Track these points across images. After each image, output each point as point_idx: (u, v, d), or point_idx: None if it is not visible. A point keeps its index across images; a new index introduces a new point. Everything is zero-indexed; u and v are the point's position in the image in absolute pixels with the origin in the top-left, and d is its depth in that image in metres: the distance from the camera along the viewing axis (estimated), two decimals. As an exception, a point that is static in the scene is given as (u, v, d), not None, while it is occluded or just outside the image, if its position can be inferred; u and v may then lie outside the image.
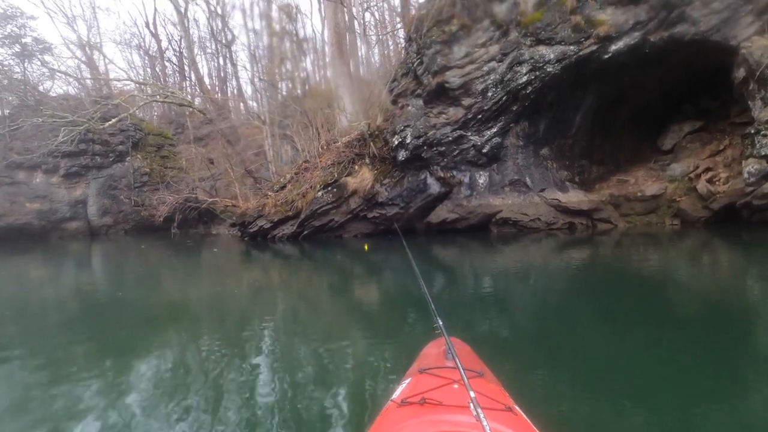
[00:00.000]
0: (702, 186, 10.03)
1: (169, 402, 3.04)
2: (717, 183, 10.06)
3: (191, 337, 4.78)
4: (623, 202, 11.06)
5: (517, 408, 1.72)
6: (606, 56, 9.74)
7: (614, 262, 8.02)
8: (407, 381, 2.01)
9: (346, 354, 3.95)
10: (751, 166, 8.47)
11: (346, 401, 2.87)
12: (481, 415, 1.36)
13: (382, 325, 4.96)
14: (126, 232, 23.81)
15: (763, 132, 8.31)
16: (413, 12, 12.39)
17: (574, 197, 11.01)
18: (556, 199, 10.94)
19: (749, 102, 8.99)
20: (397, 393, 1.89)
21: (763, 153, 8.24)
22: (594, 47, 9.68)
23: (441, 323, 2.33)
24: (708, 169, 10.46)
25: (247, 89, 35.00)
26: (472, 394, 1.47)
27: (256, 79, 22.76)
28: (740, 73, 8.95)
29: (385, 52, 23.62)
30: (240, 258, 12.40)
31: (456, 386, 1.76)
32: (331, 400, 2.89)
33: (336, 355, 3.88)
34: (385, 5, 21.64)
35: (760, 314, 4.54)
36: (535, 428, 1.61)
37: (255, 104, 34.19)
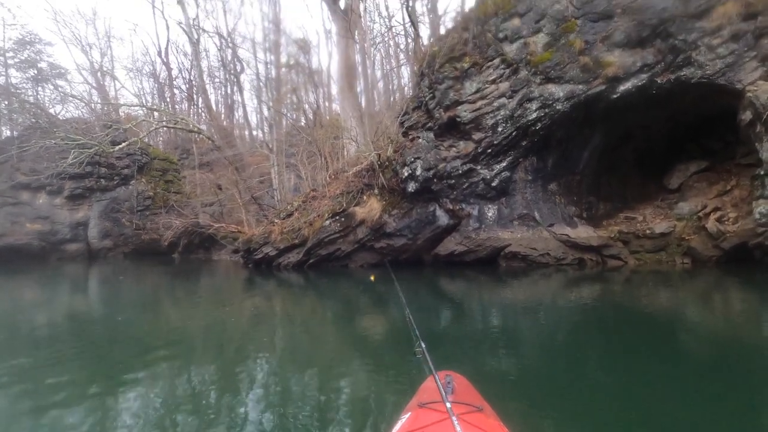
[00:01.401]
0: (712, 225, 10.04)
1: (161, 429, 2.96)
2: (726, 222, 10.07)
3: (187, 366, 4.67)
4: (632, 239, 11.02)
5: None
6: (614, 96, 9.97)
7: (624, 300, 7.90)
8: (407, 416, 1.99)
9: (345, 387, 3.92)
10: (762, 207, 8.50)
11: None
12: None
13: (382, 358, 4.89)
14: (125, 255, 23.59)
15: (772, 174, 8.39)
16: (424, 48, 12.77)
17: (584, 233, 10.98)
18: (566, 235, 10.91)
19: (756, 144, 9.12)
20: (397, 428, 1.88)
21: (773, 194, 8.29)
22: (602, 87, 9.92)
23: (424, 346, 2.36)
24: (716, 209, 10.50)
25: (253, 118, 35.65)
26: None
27: (264, 108, 23.20)
28: (746, 115, 9.13)
29: (390, 86, 24.25)
30: (243, 285, 12.21)
31: (455, 421, 1.74)
32: None
33: (335, 389, 3.84)
34: (391, 42, 22.42)
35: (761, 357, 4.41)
36: None
37: (260, 133, 34.79)
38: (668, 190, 12.15)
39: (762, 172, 8.69)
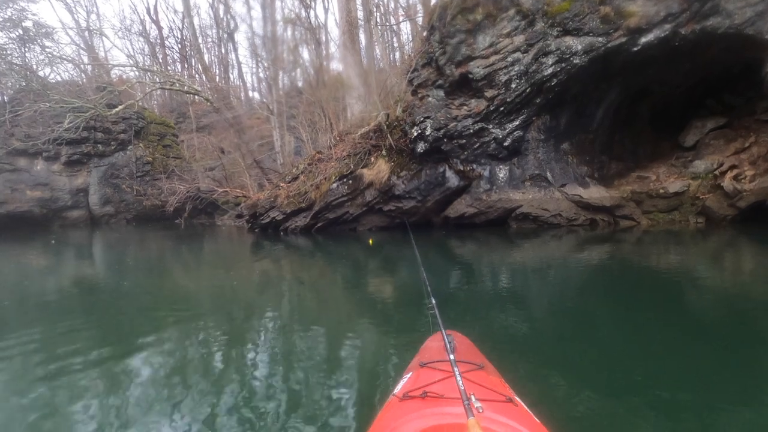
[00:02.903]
0: (728, 183, 9.86)
1: (170, 394, 2.99)
2: (743, 181, 9.88)
3: (195, 329, 4.66)
4: (645, 199, 10.86)
5: (517, 399, 1.73)
6: (635, 49, 9.48)
7: (635, 260, 7.83)
8: (408, 375, 2.02)
9: (352, 348, 3.94)
10: (784, 164, 8.28)
11: (348, 395, 2.89)
12: (479, 406, 1.42)
13: (387, 320, 4.93)
14: (128, 221, 23.49)
15: (798, 129, 8.11)
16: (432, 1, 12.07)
17: (596, 193, 10.81)
18: (578, 195, 10.74)
19: (782, 98, 8.79)
20: (399, 387, 1.91)
21: (798, 150, 8.05)
22: (623, 39, 9.41)
23: (434, 302, 2.36)
24: (733, 167, 10.29)
25: (250, 79, 34.51)
26: (461, 384, 1.51)
27: (263, 68, 22.33)
28: (774, 68, 8.74)
29: (392, 43, 23.25)
30: (251, 250, 12.16)
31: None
32: (333, 394, 2.91)
33: (341, 350, 3.87)
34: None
35: None
36: (535, 418, 1.63)
37: (257, 95, 33.78)
38: (683, 148, 11.85)
39: (786, 128, 8.42)
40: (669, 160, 11.87)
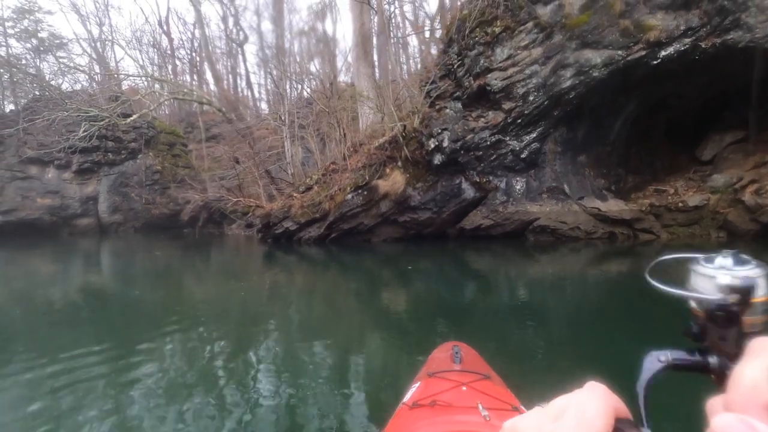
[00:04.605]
0: (750, 198, 9.75)
1: (176, 406, 2.97)
2: (764, 195, 9.77)
3: (205, 339, 4.65)
4: (664, 213, 10.75)
5: (523, 408, 1.77)
6: (654, 62, 9.47)
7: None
8: (417, 384, 2.07)
9: (360, 357, 3.99)
10: (810, 179, 8.19)
11: (358, 403, 2.93)
12: (488, 415, 1.48)
13: (397, 331, 4.97)
14: (136, 230, 23.49)
15: (824, 143, 8.03)
16: (449, 14, 12.15)
17: (615, 206, 10.71)
18: (596, 208, 10.64)
19: (804, 112, 8.73)
20: (408, 396, 1.96)
21: (824, 165, 7.96)
22: (643, 53, 9.41)
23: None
24: (753, 181, 10.18)
25: (258, 91, 34.83)
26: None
27: (274, 79, 22.52)
28: (796, 82, 8.70)
29: (404, 56, 23.44)
30: (264, 260, 12.10)
31: (464, 388, 1.85)
32: (343, 402, 2.94)
33: (349, 359, 3.91)
34: (407, 8, 21.49)
35: None
36: None
37: (265, 106, 34.05)
38: (700, 161, 11.78)
39: (811, 142, 8.34)
40: (686, 173, 11.79)
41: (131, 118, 14.93)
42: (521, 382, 2.72)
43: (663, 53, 9.36)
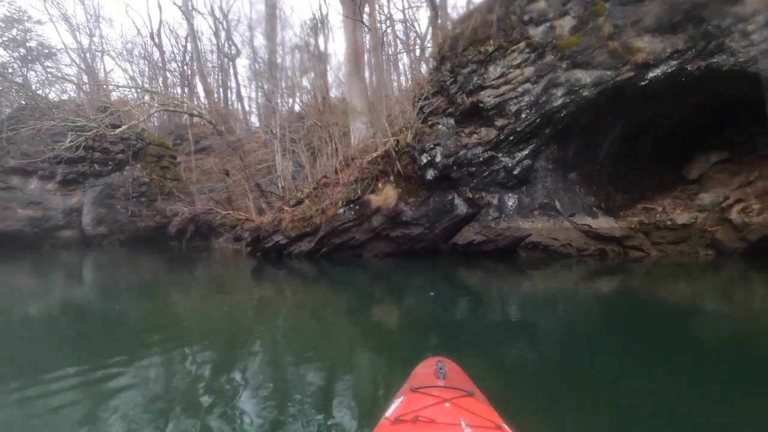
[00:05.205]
0: (737, 217, 9.93)
1: (157, 421, 2.92)
2: (751, 214, 9.96)
3: (187, 357, 4.53)
4: (653, 230, 10.88)
5: (506, 426, 1.78)
6: (642, 83, 9.69)
7: (643, 292, 7.81)
8: (400, 399, 2.07)
9: (344, 372, 3.99)
10: (795, 198, 8.37)
11: (339, 418, 2.93)
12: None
13: (384, 346, 4.94)
14: (120, 242, 22.95)
15: (807, 164, 8.25)
16: (441, 32, 12.35)
17: (605, 223, 10.81)
18: (587, 225, 10.72)
19: (787, 134, 8.97)
20: (390, 411, 1.95)
21: (808, 185, 8.16)
22: (631, 73, 9.63)
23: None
24: (739, 200, 10.38)
25: (249, 104, 34.82)
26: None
27: (265, 93, 22.55)
28: (778, 105, 8.94)
29: (395, 73, 23.74)
30: (253, 275, 11.87)
31: (447, 405, 1.84)
32: (324, 418, 2.94)
33: (333, 373, 3.90)
34: (398, 27, 21.86)
35: None
36: None
37: (256, 119, 34.02)
38: (686, 180, 12.00)
39: (795, 163, 8.55)
40: (673, 192, 11.99)
41: (120, 129, 14.72)
42: (505, 399, 2.70)
43: (650, 75, 9.59)
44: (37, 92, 22.58)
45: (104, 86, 21.83)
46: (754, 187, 10.47)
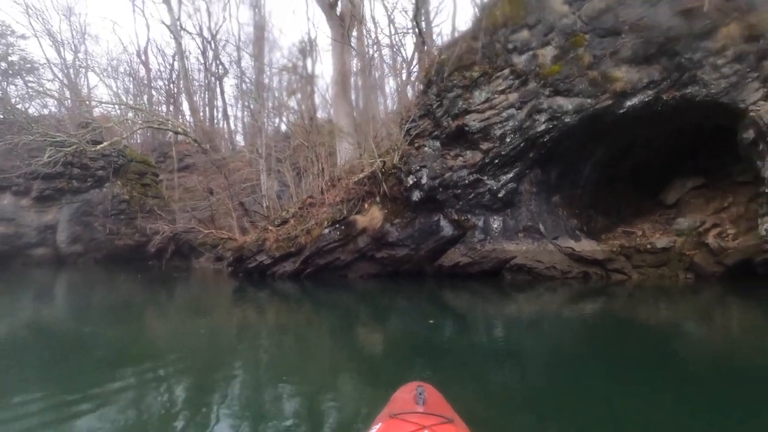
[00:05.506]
0: (713, 241, 10.18)
1: None
2: (726, 239, 10.23)
3: (160, 383, 4.39)
4: (634, 254, 11.06)
5: None
6: (621, 111, 10.02)
7: (624, 316, 7.94)
8: (377, 426, 2.03)
9: (323, 397, 3.94)
10: (768, 224, 8.66)
11: None
12: None
13: (365, 370, 4.89)
14: (96, 261, 22.22)
15: (777, 191, 8.57)
16: (427, 57, 12.65)
17: (588, 246, 10.96)
18: (570, 248, 10.85)
19: (758, 162, 9.33)
20: None
21: (780, 212, 8.46)
22: (610, 101, 9.96)
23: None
24: (715, 225, 10.68)
25: (235, 123, 34.77)
26: None
27: (252, 113, 22.58)
28: (749, 134, 9.34)
29: (381, 96, 24.11)
30: (234, 295, 11.59)
31: None
32: None
33: (311, 398, 3.85)
34: (385, 51, 22.34)
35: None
36: None
37: (241, 138, 33.92)
38: (664, 205, 12.31)
39: (766, 190, 8.87)
40: (652, 216, 12.26)
41: (101, 146, 14.46)
42: (486, 426, 2.68)
43: (628, 103, 9.94)
44: (17, 106, 22.11)
45: (87, 102, 21.51)
46: (728, 212, 10.79)
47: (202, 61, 30.83)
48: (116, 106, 24.52)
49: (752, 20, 8.91)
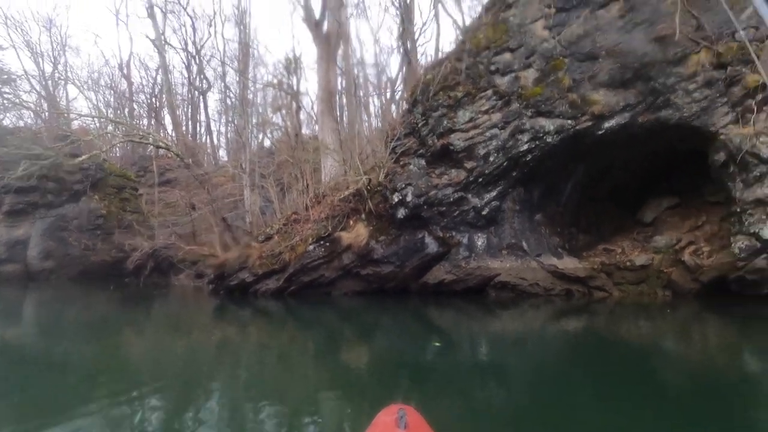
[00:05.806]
0: (689, 259, 10.47)
1: None
2: (701, 256, 10.54)
3: (136, 405, 4.24)
4: (614, 271, 11.28)
5: None
6: (599, 132, 10.36)
7: (608, 332, 8.12)
8: None
9: (304, 421, 3.88)
10: (741, 243, 8.97)
11: None
12: None
13: (349, 392, 4.79)
14: (69, 278, 21.40)
15: (749, 211, 8.92)
16: (412, 77, 12.88)
17: (570, 264, 11.13)
18: (553, 265, 10.99)
19: (729, 183, 9.70)
20: None
21: (751, 230, 8.78)
22: (589, 123, 10.29)
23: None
24: (691, 243, 11.00)
25: (218, 138, 34.52)
26: None
27: (236, 128, 22.48)
28: (720, 156, 9.74)
29: (364, 115, 24.35)
30: (215, 314, 11.28)
31: None
32: None
33: (293, 422, 3.77)
34: (370, 71, 22.66)
35: (742, 390, 4.55)
36: None
37: (224, 153, 33.64)
38: (643, 223, 12.65)
39: (738, 209, 9.21)
40: (631, 234, 12.57)
41: (79, 159, 14.11)
42: None
43: (606, 125, 10.28)
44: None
45: (65, 114, 21.06)
46: (702, 230, 11.15)
47: (186, 76, 30.75)
48: (95, 119, 24.06)
49: (720, 49, 9.39)
